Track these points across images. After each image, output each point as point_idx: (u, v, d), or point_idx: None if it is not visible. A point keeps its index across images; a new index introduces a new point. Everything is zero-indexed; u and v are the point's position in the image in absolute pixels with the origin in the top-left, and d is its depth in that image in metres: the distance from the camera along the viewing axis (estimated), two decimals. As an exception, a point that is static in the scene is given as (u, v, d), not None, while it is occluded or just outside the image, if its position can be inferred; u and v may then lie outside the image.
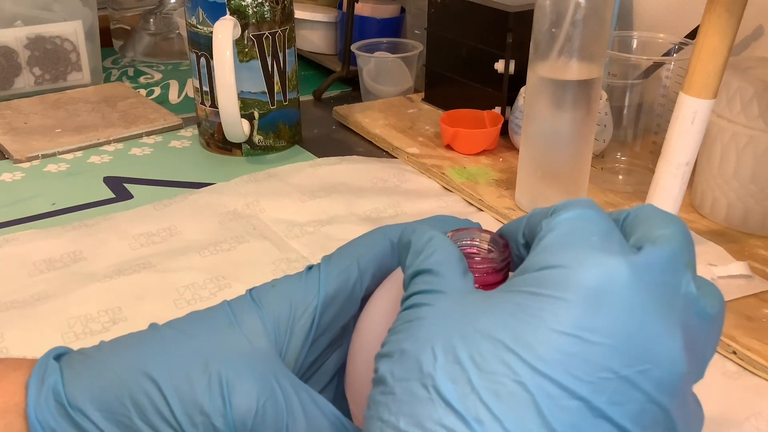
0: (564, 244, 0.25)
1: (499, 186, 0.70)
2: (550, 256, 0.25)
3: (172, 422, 0.30)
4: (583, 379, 0.22)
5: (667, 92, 0.67)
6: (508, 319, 0.24)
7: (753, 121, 0.59)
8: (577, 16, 0.57)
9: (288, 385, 0.31)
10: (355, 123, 0.85)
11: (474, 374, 0.23)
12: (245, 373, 0.30)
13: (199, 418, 0.30)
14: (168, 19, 1.12)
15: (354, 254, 0.35)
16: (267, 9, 0.74)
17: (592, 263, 0.24)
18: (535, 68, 0.61)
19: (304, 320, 0.33)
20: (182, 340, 0.32)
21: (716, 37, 0.52)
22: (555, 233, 0.26)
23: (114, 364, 0.31)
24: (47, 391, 0.31)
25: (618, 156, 0.71)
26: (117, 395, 0.30)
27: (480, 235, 0.36)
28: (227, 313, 0.33)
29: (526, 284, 0.24)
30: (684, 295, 0.25)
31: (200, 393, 0.30)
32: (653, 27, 0.81)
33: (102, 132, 0.83)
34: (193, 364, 0.30)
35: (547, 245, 0.25)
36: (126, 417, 0.30)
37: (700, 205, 0.66)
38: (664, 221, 0.26)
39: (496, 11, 0.76)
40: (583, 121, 0.61)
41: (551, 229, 0.26)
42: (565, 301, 0.23)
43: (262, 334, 0.32)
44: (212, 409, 0.29)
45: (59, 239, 0.62)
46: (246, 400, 0.30)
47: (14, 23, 0.94)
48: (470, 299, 0.26)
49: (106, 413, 0.30)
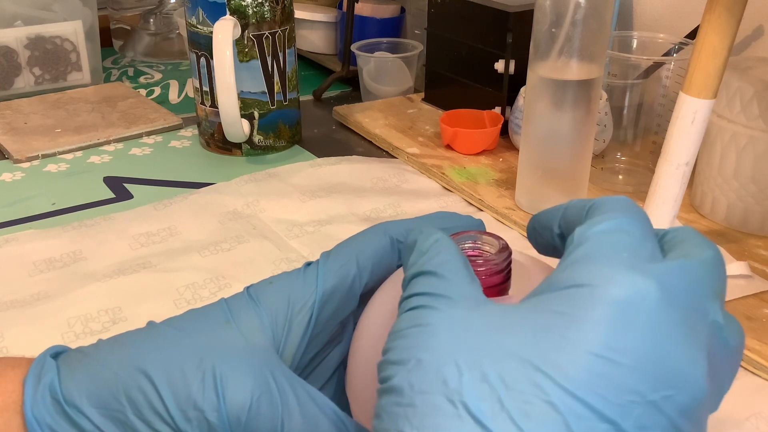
0: (593, 259, 0.24)
1: (499, 186, 0.70)
2: (578, 273, 0.24)
3: (165, 417, 0.30)
4: (612, 402, 0.22)
5: (667, 92, 0.67)
6: (535, 339, 0.23)
7: (753, 121, 0.59)
8: (577, 16, 0.57)
9: (284, 381, 0.31)
10: (355, 123, 0.85)
11: (503, 393, 0.22)
12: (240, 368, 0.30)
13: (193, 413, 0.29)
14: (168, 19, 1.12)
15: (353, 250, 0.35)
16: (267, 9, 0.74)
17: (621, 282, 0.23)
18: (535, 68, 0.61)
19: (302, 316, 0.33)
20: (178, 336, 0.32)
21: (716, 37, 0.52)
22: (585, 247, 0.25)
23: (110, 360, 0.31)
24: (44, 388, 0.31)
25: (618, 156, 0.71)
26: (112, 391, 0.30)
27: (481, 237, 0.36)
28: (224, 310, 0.33)
29: (553, 303, 0.24)
30: (710, 323, 0.25)
31: (194, 388, 0.30)
32: (653, 27, 0.81)
33: (102, 132, 0.83)
34: (187, 359, 0.30)
35: (577, 260, 0.25)
36: (121, 413, 0.30)
37: (700, 205, 0.66)
38: (702, 245, 0.26)
39: (496, 11, 0.76)
40: (583, 121, 0.61)
41: (582, 241, 0.25)
42: (592, 321, 0.23)
43: (259, 330, 0.32)
44: (206, 404, 0.29)
45: (59, 239, 0.62)
46: (240, 395, 0.30)
47: (14, 23, 0.94)
48: (490, 312, 0.25)
49: (101, 409, 0.30)
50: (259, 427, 0.30)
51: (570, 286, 0.24)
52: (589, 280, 0.24)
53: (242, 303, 0.33)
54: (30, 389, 0.31)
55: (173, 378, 0.30)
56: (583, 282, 0.24)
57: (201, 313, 0.33)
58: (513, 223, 0.65)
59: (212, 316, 0.33)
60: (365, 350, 0.37)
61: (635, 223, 0.26)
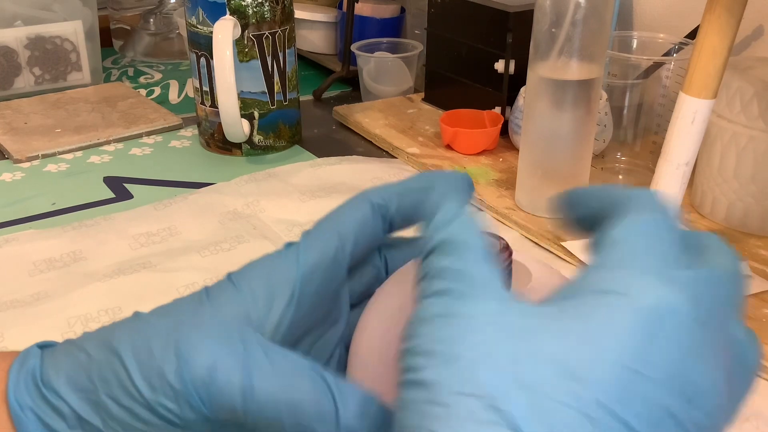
0: (627, 264, 0.24)
1: (499, 186, 0.70)
2: (609, 277, 0.24)
3: (132, 391, 0.29)
4: (642, 417, 0.22)
5: (667, 92, 0.67)
6: (570, 345, 0.23)
7: (753, 121, 0.59)
8: (577, 16, 0.57)
9: (254, 342, 0.30)
10: (355, 123, 0.85)
11: (543, 402, 0.22)
12: (205, 332, 0.30)
13: (157, 381, 0.29)
14: (168, 19, 1.12)
15: (333, 223, 0.34)
16: (267, 9, 0.74)
17: (653, 293, 0.23)
18: (535, 68, 0.61)
19: (283, 292, 0.32)
20: (153, 319, 0.32)
21: (716, 37, 0.52)
22: (620, 250, 0.25)
23: (87, 344, 0.31)
24: (26, 373, 0.31)
25: (618, 156, 0.71)
26: (87, 373, 0.30)
27: None
28: (202, 293, 0.33)
29: (587, 307, 0.24)
30: (732, 339, 0.24)
31: (158, 355, 0.29)
32: (653, 27, 0.81)
33: (102, 132, 0.83)
34: (156, 335, 0.30)
35: (611, 262, 0.25)
36: (94, 394, 0.30)
37: (700, 205, 0.66)
38: (728, 255, 0.26)
39: (496, 11, 0.76)
40: (583, 121, 0.61)
41: (617, 242, 0.25)
42: (625, 333, 0.23)
43: (235, 306, 0.32)
44: (166, 366, 0.29)
45: (59, 239, 0.62)
46: (202, 355, 0.29)
47: (14, 23, 0.94)
48: (523, 310, 0.24)
49: (79, 393, 0.30)
50: (227, 390, 0.28)
51: (603, 292, 0.24)
52: (623, 288, 0.24)
53: (221, 286, 0.33)
54: (13, 375, 0.31)
55: (140, 352, 0.30)
56: (616, 289, 0.24)
57: (181, 299, 0.33)
58: (513, 223, 0.65)
59: (190, 299, 0.33)
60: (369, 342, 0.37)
61: (669, 226, 0.26)
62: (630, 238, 0.25)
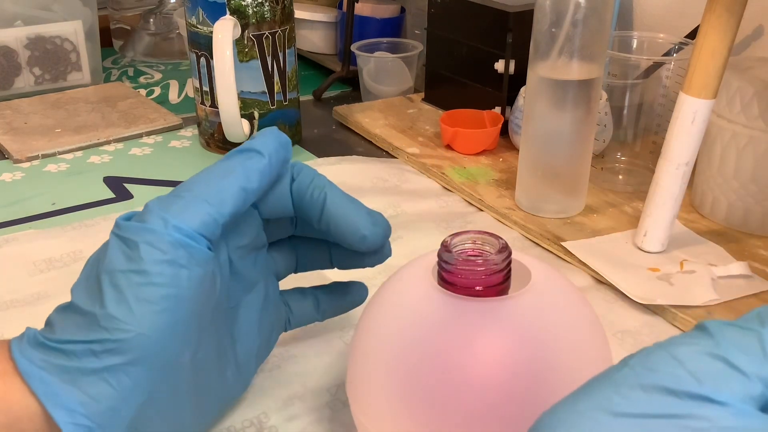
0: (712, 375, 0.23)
1: (499, 186, 0.70)
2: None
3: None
4: None
5: (667, 92, 0.67)
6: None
7: (753, 121, 0.59)
8: (577, 16, 0.57)
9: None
10: (355, 123, 0.85)
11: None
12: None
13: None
14: (168, 19, 1.12)
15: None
16: (267, 9, 0.74)
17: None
18: (535, 68, 0.61)
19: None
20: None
21: (716, 37, 0.52)
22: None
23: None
24: (27, 337, 0.34)
25: (618, 156, 0.71)
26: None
27: (481, 237, 0.36)
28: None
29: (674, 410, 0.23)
30: None
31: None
32: (653, 27, 0.81)
33: (102, 132, 0.83)
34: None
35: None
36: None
37: (700, 205, 0.66)
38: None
39: (496, 11, 0.76)
40: (583, 121, 0.61)
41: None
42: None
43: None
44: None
45: (59, 239, 0.62)
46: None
47: (14, 23, 0.94)
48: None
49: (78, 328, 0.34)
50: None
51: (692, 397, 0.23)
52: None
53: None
54: (15, 341, 0.34)
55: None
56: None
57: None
58: (513, 223, 0.65)
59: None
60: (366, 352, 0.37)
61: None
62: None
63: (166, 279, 0.33)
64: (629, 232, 0.61)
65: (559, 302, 0.36)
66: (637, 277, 0.56)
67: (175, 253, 0.34)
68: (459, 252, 0.36)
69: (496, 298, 0.35)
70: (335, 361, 0.48)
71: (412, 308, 0.36)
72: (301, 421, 0.44)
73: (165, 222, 0.34)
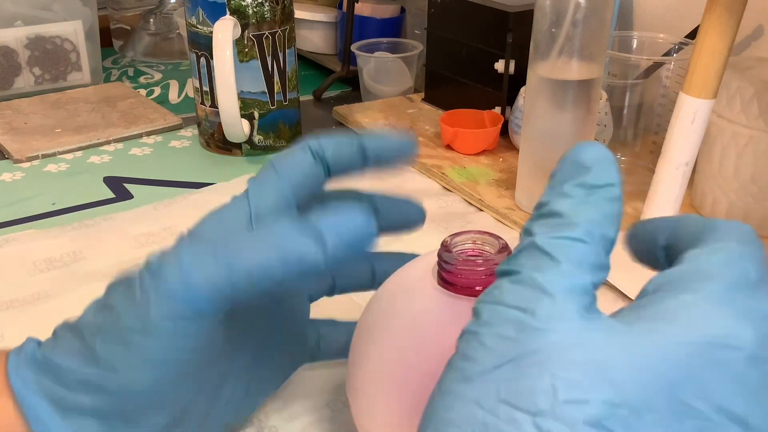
0: (700, 292, 0.24)
1: (499, 186, 0.70)
2: (675, 302, 0.24)
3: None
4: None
5: (667, 92, 0.67)
6: (623, 361, 0.22)
7: (753, 121, 0.59)
8: (577, 16, 0.57)
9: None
10: (355, 123, 0.85)
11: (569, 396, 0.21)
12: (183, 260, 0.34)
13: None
14: (168, 19, 1.12)
15: (277, 167, 0.38)
16: (267, 9, 0.74)
17: (715, 321, 0.23)
18: (535, 68, 0.61)
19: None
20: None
21: (716, 37, 0.52)
22: (691, 271, 0.24)
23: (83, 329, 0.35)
24: (24, 355, 0.33)
25: (618, 156, 0.71)
26: (81, 337, 0.34)
27: (481, 237, 0.36)
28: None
29: (645, 325, 0.23)
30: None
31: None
32: (653, 27, 0.81)
33: (102, 132, 0.83)
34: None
35: (677, 283, 0.24)
36: (90, 352, 0.33)
37: (700, 205, 0.66)
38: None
39: (496, 11, 0.76)
40: (583, 121, 0.61)
41: (689, 264, 0.25)
42: (675, 360, 0.22)
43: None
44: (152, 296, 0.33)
45: (59, 239, 0.62)
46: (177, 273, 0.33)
47: (14, 23, 0.94)
48: (597, 323, 0.24)
49: (77, 357, 0.33)
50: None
51: (666, 319, 0.23)
52: (685, 315, 0.23)
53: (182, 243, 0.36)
54: (12, 358, 0.33)
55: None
56: (677, 316, 0.23)
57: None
58: (513, 223, 0.65)
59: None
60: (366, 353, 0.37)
61: (756, 259, 0.25)
62: (707, 266, 0.24)
63: (167, 335, 0.32)
64: (629, 232, 0.61)
65: None
66: (637, 277, 0.56)
67: (182, 310, 0.32)
68: (459, 252, 0.36)
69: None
70: (335, 361, 0.48)
71: (412, 308, 0.36)
72: (301, 420, 0.44)
73: (183, 278, 0.32)
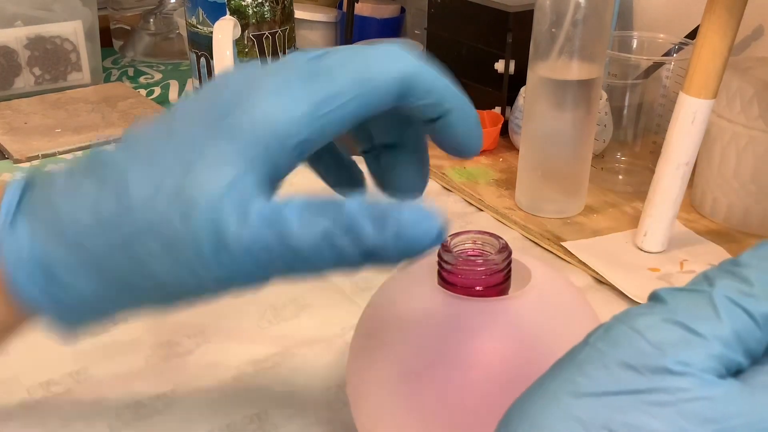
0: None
1: (499, 186, 0.70)
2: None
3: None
4: None
5: (667, 92, 0.67)
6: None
7: (753, 121, 0.59)
8: (577, 16, 0.57)
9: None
10: (355, 123, 0.85)
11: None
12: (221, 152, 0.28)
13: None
14: (168, 19, 1.12)
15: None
16: (267, 9, 0.74)
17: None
18: (535, 68, 0.61)
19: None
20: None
21: (716, 37, 0.52)
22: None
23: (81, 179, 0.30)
24: (23, 261, 0.29)
25: (618, 156, 0.71)
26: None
27: (481, 237, 0.36)
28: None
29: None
30: None
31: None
32: (653, 27, 0.81)
33: (102, 132, 0.83)
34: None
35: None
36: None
37: (700, 205, 0.66)
38: None
39: (496, 11, 0.76)
40: (583, 121, 0.61)
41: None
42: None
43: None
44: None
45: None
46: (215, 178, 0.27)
47: (14, 23, 0.94)
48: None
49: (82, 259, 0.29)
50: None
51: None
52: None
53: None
54: (10, 265, 0.29)
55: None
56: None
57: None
58: (513, 223, 0.65)
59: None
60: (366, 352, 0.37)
61: None
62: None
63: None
64: (629, 232, 0.61)
65: (559, 302, 0.36)
66: (637, 277, 0.56)
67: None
68: (459, 252, 0.36)
69: (497, 298, 0.35)
70: (335, 361, 0.48)
71: (412, 308, 0.36)
72: (301, 420, 0.44)
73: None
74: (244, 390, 0.46)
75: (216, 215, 0.27)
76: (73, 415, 0.44)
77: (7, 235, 0.30)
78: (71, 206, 0.29)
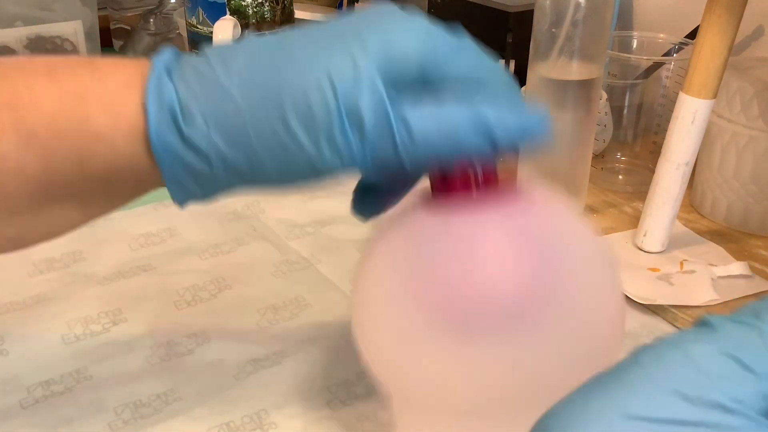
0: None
1: (499, 186, 0.70)
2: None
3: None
4: None
5: (667, 92, 0.67)
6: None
7: (753, 121, 0.59)
8: (577, 16, 0.57)
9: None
10: (355, 123, 0.84)
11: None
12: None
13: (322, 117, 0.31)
14: (168, 19, 1.12)
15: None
16: (267, 9, 0.74)
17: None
18: (535, 68, 0.61)
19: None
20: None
21: (716, 37, 0.52)
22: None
23: (232, 88, 0.32)
24: (166, 112, 0.31)
25: (618, 156, 0.71)
26: (240, 125, 0.31)
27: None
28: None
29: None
30: None
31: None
32: (653, 27, 0.81)
33: (102, 132, 0.83)
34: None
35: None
36: (247, 142, 0.31)
37: (700, 205, 0.66)
38: None
39: (496, 11, 0.76)
40: (583, 121, 0.61)
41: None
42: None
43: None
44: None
45: (59, 239, 0.62)
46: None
47: (14, 23, 0.94)
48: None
49: (227, 138, 0.31)
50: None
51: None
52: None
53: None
54: (153, 112, 0.31)
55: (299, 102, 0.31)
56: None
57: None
58: (513, 223, 0.65)
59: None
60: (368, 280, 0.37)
61: None
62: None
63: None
64: (629, 232, 0.61)
65: (561, 213, 0.37)
66: (637, 277, 0.56)
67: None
68: None
69: (500, 207, 0.35)
70: (335, 360, 0.48)
71: (407, 226, 0.36)
72: (301, 419, 0.44)
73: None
74: (243, 389, 0.46)
75: (364, 100, 0.31)
76: (73, 415, 0.44)
77: (160, 84, 0.32)
78: (224, 71, 0.32)
